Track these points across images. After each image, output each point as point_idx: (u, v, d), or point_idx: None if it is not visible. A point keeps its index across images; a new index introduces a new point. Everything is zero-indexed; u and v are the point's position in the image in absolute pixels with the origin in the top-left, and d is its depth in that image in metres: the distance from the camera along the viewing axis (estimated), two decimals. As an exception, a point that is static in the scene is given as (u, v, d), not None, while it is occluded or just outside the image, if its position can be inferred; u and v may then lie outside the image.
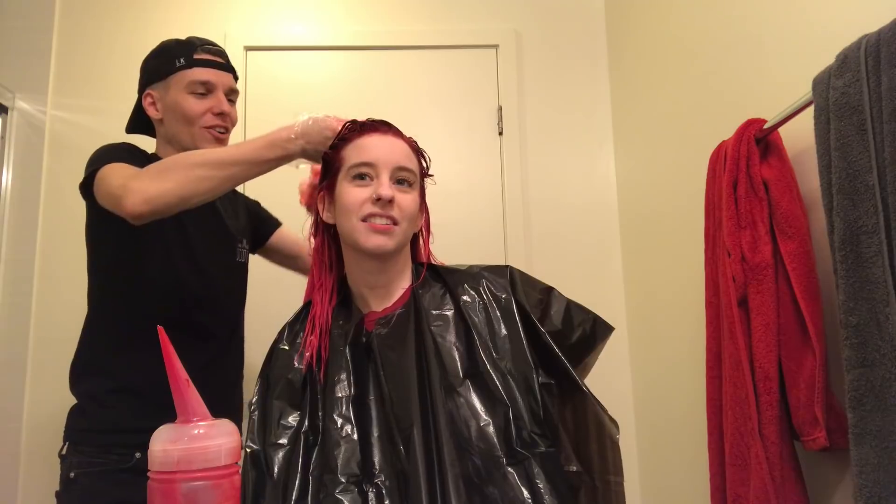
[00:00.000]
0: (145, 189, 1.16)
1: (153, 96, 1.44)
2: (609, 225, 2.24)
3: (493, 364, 1.01)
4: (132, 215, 1.16)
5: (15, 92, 1.98)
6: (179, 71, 1.41)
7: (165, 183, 1.16)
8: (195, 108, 1.40)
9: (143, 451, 1.26)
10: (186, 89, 1.40)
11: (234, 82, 1.48)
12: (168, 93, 1.42)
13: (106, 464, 1.30)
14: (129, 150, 1.38)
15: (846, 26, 1.09)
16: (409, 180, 1.08)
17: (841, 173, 1.00)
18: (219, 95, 1.43)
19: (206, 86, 1.41)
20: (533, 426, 0.98)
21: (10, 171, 1.95)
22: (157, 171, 1.19)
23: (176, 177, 1.17)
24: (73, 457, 1.33)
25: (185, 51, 1.42)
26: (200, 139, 1.41)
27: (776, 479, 1.14)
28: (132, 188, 1.16)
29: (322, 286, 1.12)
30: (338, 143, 1.11)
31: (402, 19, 2.30)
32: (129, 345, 1.35)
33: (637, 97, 2.13)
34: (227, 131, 1.46)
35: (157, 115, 1.44)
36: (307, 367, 1.06)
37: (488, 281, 1.09)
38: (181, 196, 1.16)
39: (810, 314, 1.14)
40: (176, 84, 1.41)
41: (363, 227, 1.04)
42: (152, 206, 1.16)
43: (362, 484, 0.95)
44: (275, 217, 1.71)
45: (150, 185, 1.16)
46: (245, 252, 1.56)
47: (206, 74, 1.41)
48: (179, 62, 1.41)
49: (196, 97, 1.41)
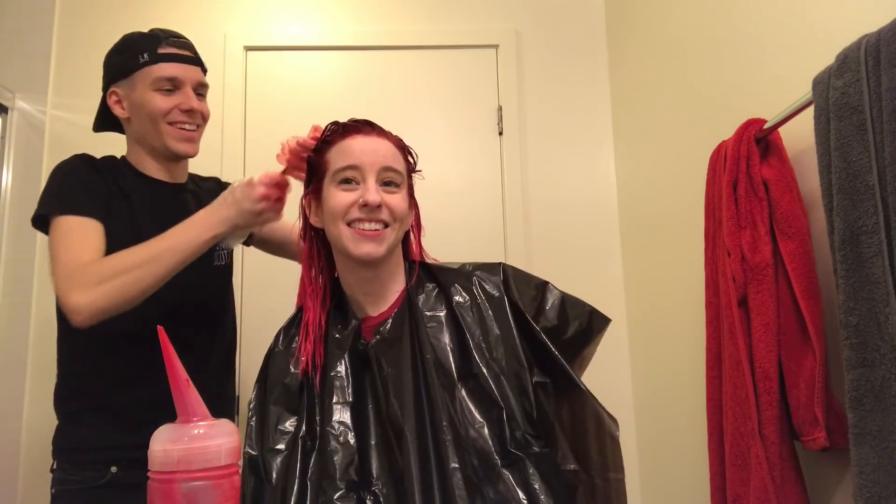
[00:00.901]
0: (89, 303, 1.17)
1: (118, 94, 1.37)
2: (609, 225, 2.24)
3: (487, 365, 1.00)
4: (80, 327, 1.19)
5: (15, 92, 1.98)
6: (144, 67, 1.33)
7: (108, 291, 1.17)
8: (162, 106, 1.33)
9: (119, 465, 1.28)
10: (152, 86, 1.33)
11: (202, 76, 1.41)
12: (134, 91, 1.35)
13: (81, 481, 1.29)
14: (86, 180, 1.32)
15: (846, 26, 1.09)
16: (396, 181, 1.06)
17: (841, 173, 1.00)
18: (186, 91, 1.36)
19: (173, 82, 1.34)
20: (526, 427, 0.98)
21: (10, 171, 1.95)
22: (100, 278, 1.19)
23: (117, 283, 1.18)
24: (56, 474, 1.33)
25: (149, 45, 1.35)
26: (169, 137, 1.35)
27: (776, 479, 1.14)
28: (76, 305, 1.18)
29: (313, 292, 1.11)
30: (321, 145, 1.10)
31: (402, 19, 2.30)
32: (101, 360, 1.33)
33: (637, 97, 2.13)
34: (198, 128, 1.40)
35: (123, 115, 1.38)
36: (303, 373, 1.06)
37: (480, 280, 1.09)
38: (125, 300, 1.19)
39: (810, 314, 1.14)
40: (141, 81, 1.34)
41: (350, 233, 1.03)
42: (99, 318, 1.18)
43: (360, 490, 0.95)
44: None
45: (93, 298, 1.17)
46: (224, 253, 1.48)
47: (172, 70, 1.34)
48: (143, 58, 1.34)
49: (162, 94, 1.34)
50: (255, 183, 1.19)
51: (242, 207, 1.20)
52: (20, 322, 1.97)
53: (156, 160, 1.40)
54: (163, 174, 1.41)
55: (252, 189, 1.19)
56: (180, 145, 1.37)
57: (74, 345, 1.36)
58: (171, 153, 1.38)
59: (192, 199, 1.47)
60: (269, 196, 1.20)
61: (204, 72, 1.43)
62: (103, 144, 1.45)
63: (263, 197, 1.19)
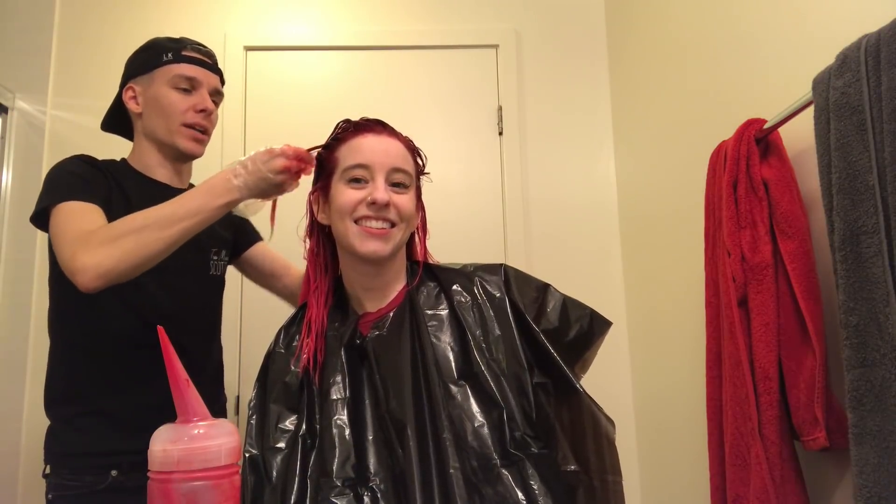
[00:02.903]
0: (96, 264, 1.11)
1: (135, 90, 1.39)
2: (609, 225, 2.24)
3: (487, 365, 1.01)
4: (86, 290, 1.13)
5: (15, 92, 1.98)
6: (166, 65, 1.36)
7: (115, 252, 1.12)
8: (177, 104, 1.35)
9: (119, 468, 1.26)
10: (170, 83, 1.36)
11: (219, 84, 1.44)
12: (151, 86, 1.37)
13: (81, 486, 1.28)
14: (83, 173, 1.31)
15: (846, 26, 1.09)
16: (405, 182, 1.07)
17: (841, 173, 1.00)
18: (203, 93, 1.38)
19: (192, 82, 1.37)
20: (526, 428, 0.98)
21: (10, 171, 1.95)
22: (106, 239, 1.14)
23: (125, 245, 1.12)
24: (51, 479, 1.31)
25: (174, 46, 1.39)
26: (179, 136, 1.37)
27: (776, 479, 1.14)
28: (83, 264, 1.12)
29: (318, 289, 1.11)
30: (332, 142, 1.10)
31: (402, 19, 2.30)
32: (96, 364, 1.32)
33: (637, 97, 2.13)
34: (207, 133, 1.41)
35: (136, 109, 1.39)
36: (304, 371, 1.06)
37: (482, 280, 1.09)
38: (134, 264, 1.13)
39: (810, 314, 1.14)
40: (160, 77, 1.36)
41: (357, 230, 1.03)
42: (105, 280, 1.12)
43: (357, 487, 0.95)
44: (257, 232, 1.62)
45: (100, 258, 1.12)
46: (221, 265, 1.49)
47: (192, 70, 1.37)
48: (167, 56, 1.37)
49: (179, 92, 1.36)
50: (277, 153, 1.14)
51: (259, 176, 1.14)
52: (20, 322, 1.97)
53: (162, 158, 1.40)
54: (166, 176, 1.41)
55: (272, 160, 1.14)
56: (188, 143, 1.38)
57: (71, 347, 1.35)
58: (178, 151, 1.38)
59: None
60: (290, 168, 1.14)
61: (222, 83, 1.45)
62: (103, 145, 1.45)
63: (284, 169, 1.14)
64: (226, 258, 1.52)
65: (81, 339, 1.34)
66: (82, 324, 1.33)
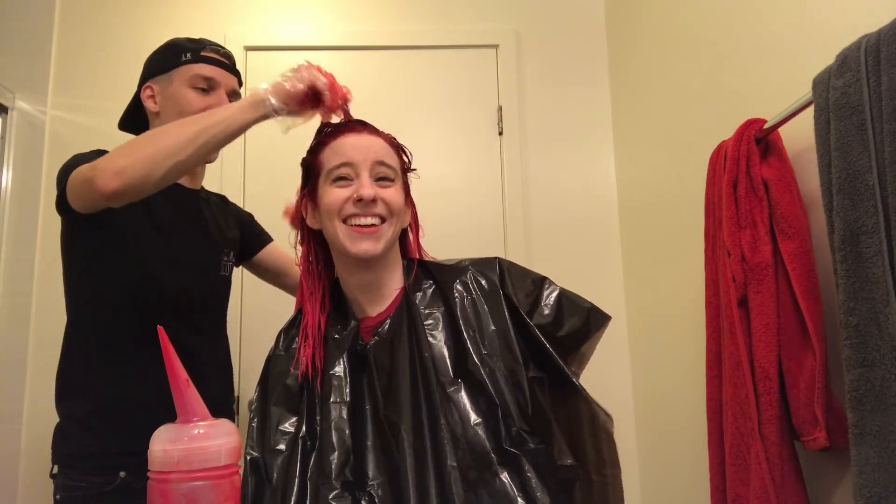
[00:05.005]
0: (114, 163, 1.09)
1: (153, 89, 1.41)
2: (609, 225, 2.24)
3: (483, 361, 1.00)
4: (105, 194, 1.10)
5: (15, 92, 1.98)
6: (184, 65, 1.38)
7: (135, 153, 1.11)
8: (194, 103, 1.36)
9: (129, 469, 1.25)
10: (188, 83, 1.37)
11: (237, 85, 1.45)
12: (170, 85, 1.39)
13: (90, 487, 1.28)
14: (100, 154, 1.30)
15: (846, 26, 1.09)
16: (390, 176, 1.07)
17: (841, 173, 1.00)
18: (220, 94, 1.40)
19: (209, 82, 1.39)
20: (521, 423, 0.97)
21: (10, 171, 1.95)
22: (126, 145, 1.15)
23: (146, 147, 1.12)
24: (59, 479, 1.31)
25: (193, 47, 1.40)
26: None
27: (776, 479, 1.14)
28: (101, 166, 1.11)
29: (312, 295, 1.11)
30: (315, 147, 1.10)
31: (401, 19, 2.29)
32: (108, 362, 1.32)
33: (637, 97, 2.13)
34: None
35: (154, 108, 1.40)
36: (303, 375, 1.06)
37: (476, 275, 1.08)
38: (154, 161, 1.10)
39: (810, 314, 1.14)
40: (179, 77, 1.38)
41: (347, 230, 1.03)
42: (122, 179, 1.08)
43: (355, 491, 0.95)
44: (267, 232, 1.66)
45: (119, 158, 1.10)
46: (230, 265, 1.51)
47: (210, 71, 1.39)
48: (186, 56, 1.39)
49: (197, 92, 1.38)
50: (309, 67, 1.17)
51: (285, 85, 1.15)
52: (20, 322, 1.97)
53: None
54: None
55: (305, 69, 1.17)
56: None
57: (85, 342, 1.35)
58: None
59: (206, 206, 1.49)
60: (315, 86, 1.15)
61: (240, 84, 1.47)
62: (103, 145, 1.44)
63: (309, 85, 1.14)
64: (234, 259, 1.53)
65: (95, 336, 1.34)
66: (95, 321, 1.34)
